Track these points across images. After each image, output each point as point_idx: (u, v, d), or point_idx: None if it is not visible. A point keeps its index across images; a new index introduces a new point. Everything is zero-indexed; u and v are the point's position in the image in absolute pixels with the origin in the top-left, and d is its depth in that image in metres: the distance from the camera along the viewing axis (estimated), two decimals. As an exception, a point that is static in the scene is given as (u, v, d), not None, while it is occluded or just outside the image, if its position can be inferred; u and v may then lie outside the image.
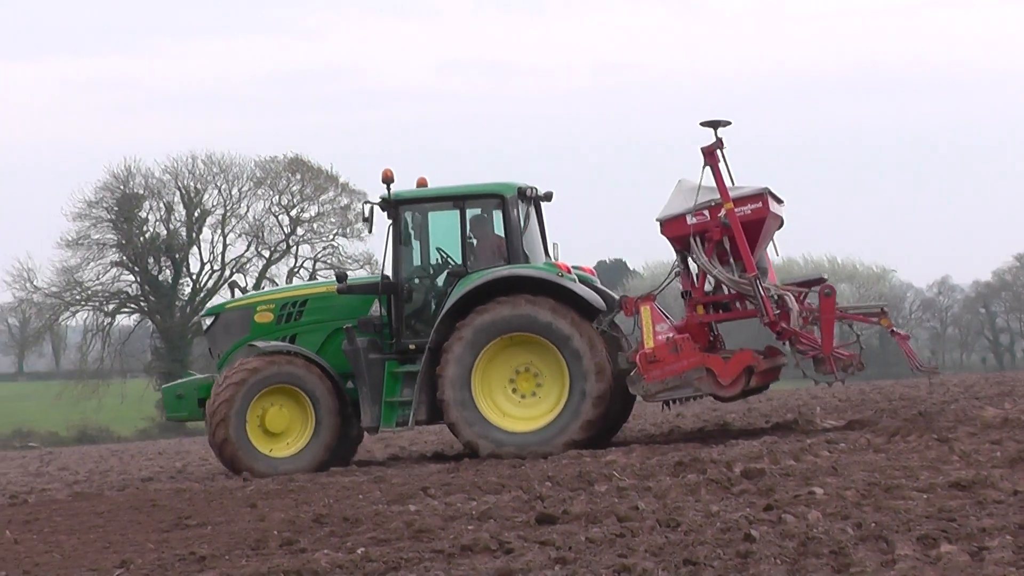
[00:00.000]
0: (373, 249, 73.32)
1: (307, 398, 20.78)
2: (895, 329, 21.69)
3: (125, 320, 73.30)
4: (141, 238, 72.21)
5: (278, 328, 21.74)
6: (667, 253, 22.33)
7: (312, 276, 74.09)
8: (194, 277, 73.71)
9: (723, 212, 20.93)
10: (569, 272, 21.37)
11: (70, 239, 71.70)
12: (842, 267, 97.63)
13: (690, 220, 21.11)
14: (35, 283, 73.11)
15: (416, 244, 21.67)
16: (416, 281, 21.45)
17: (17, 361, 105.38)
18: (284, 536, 12.65)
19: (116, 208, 72.14)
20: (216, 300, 22.61)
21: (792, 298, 21.05)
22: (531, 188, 21.60)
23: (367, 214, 21.12)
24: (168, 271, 73.07)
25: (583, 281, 21.50)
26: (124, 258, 72.76)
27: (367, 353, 20.88)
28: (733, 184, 21.28)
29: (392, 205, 21.09)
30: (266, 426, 20.77)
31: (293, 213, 73.73)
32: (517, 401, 20.90)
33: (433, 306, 21.22)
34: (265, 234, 73.93)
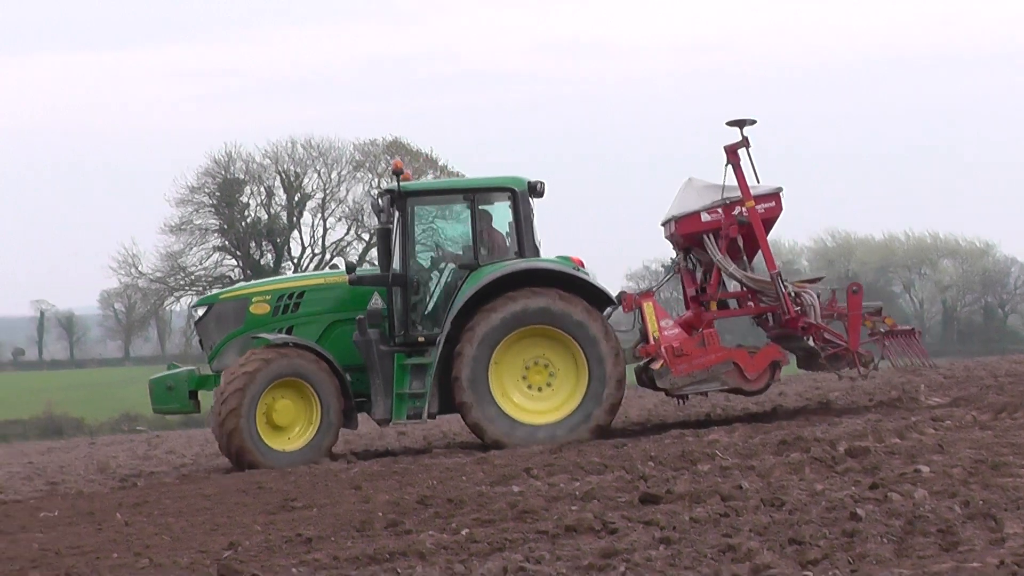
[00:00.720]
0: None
1: (313, 392, 20.36)
2: (899, 327, 22.10)
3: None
4: (242, 223, 72.88)
5: (274, 320, 21.22)
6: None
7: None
8: (295, 261, 74.31)
9: (740, 210, 21.30)
10: (582, 265, 21.56)
11: (173, 225, 72.56)
12: (944, 242, 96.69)
13: (704, 217, 21.51)
14: (140, 269, 74.05)
15: (425, 237, 21.65)
16: (426, 274, 21.33)
17: (123, 346, 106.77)
18: (389, 517, 12.72)
19: (218, 193, 72.86)
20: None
21: (812, 295, 21.38)
22: (540, 183, 21.61)
23: (382, 205, 20.77)
24: (269, 255, 73.73)
25: None
26: (226, 243, 73.47)
27: (378, 345, 20.70)
28: (759, 182, 21.63)
29: (401, 197, 20.97)
30: (272, 419, 20.32)
31: (393, 196, 73.96)
32: (531, 394, 20.88)
33: (443, 299, 21.05)
34: (365, 217, 74.33)
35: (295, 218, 73.98)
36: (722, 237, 21.42)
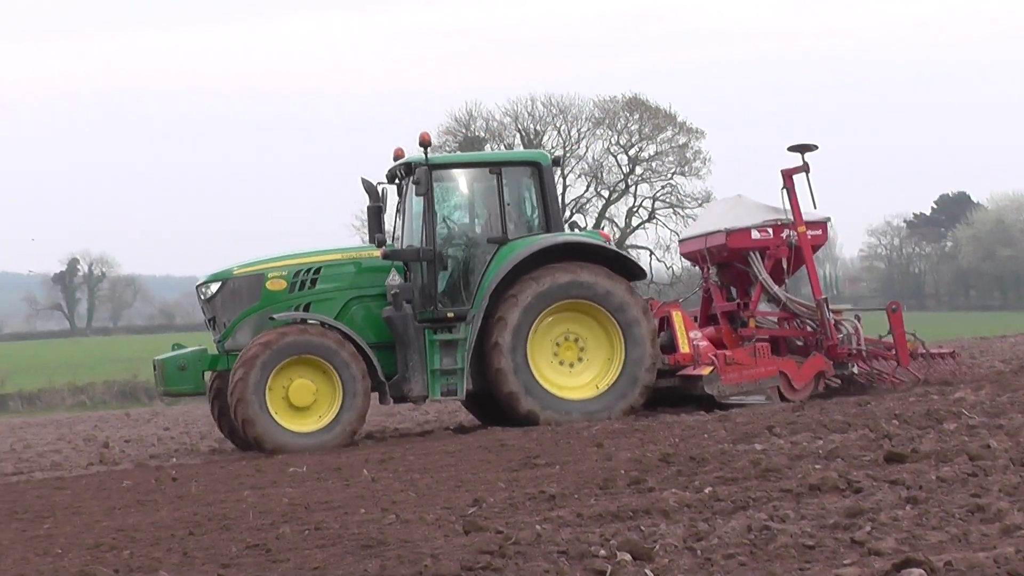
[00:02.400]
0: (711, 187, 73.07)
1: (335, 370, 19.84)
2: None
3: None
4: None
5: (291, 296, 20.74)
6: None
7: (651, 216, 74.18)
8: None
9: (789, 232, 21.60)
10: (609, 240, 21.52)
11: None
12: None
13: (755, 235, 21.73)
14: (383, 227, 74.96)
15: (451, 210, 21.27)
16: (454, 248, 20.99)
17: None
18: (631, 475, 12.72)
19: (458, 151, 73.44)
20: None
21: (855, 322, 21.68)
22: (560, 156, 21.31)
23: (418, 176, 20.40)
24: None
25: None
26: (467, 201, 74.03)
27: (413, 320, 20.31)
28: (815, 207, 22.04)
29: (427, 170, 20.52)
30: (291, 400, 19.86)
31: (632, 153, 73.88)
32: (561, 370, 20.70)
33: (472, 274, 20.77)
34: (604, 174, 74.31)
35: (534, 175, 74.23)
36: (769, 257, 21.70)
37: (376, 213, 20.83)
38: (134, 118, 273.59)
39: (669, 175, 73.78)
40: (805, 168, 22.02)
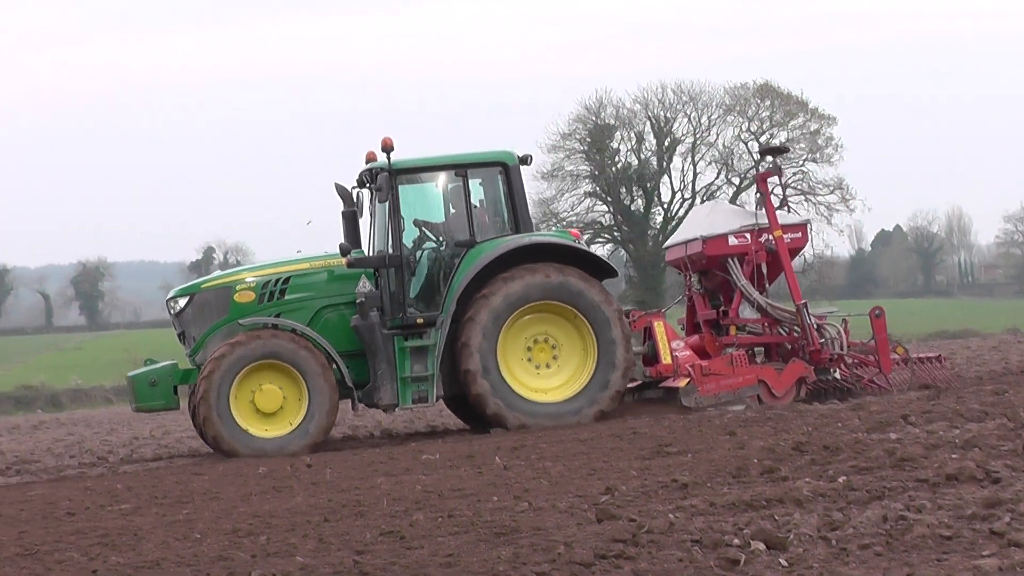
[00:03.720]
0: (843, 174, 72.46)
1: (301, 376, 19.67)
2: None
3: (599, 250, 74.50)
4: (613, 168, 73.23)
5: (260, 308, 20.41)
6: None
7: (782, 203, 73.61)
8: (665, 206, 74.37)
9: (767, 237, 21.28)
10: (579, 238, 21.13)
11: (545, 171, 73.41)
12: None
13: (732, 241, 21.40)
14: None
15: (416, 215, 20.80)
16: (420, 253, 20.64)
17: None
18: (764, 464, 12.65)
19: (588, 139, 73.40)
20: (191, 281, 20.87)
21: (837, 327, 21.32)
22: (528, 156, 20.89)
23: (380, 183, 19.95)
24: (640, 200, 73.95)
25: None
26: (597, 188, 73.98)
27: (380, 328, 20.04)
28: (788, 211, 22.16)
29: (391, 175, 20.14)
30: (259, 406, 19.71)
31: (763, 139, 73.36)
32: (535, 372, 20.39)
33: (440, 278, 20.44)
34: (735, 161, 73.92)
35: (665, 163, 74.00)
36: (747, 263, 21.40)
37: (351, 218, 20.62)
38: (274, 107, 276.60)
39: (800, 162, 73.20)
40: (778, 171, 22.26)
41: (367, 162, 20.84)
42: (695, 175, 74.14)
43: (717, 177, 74.22)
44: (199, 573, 9.67)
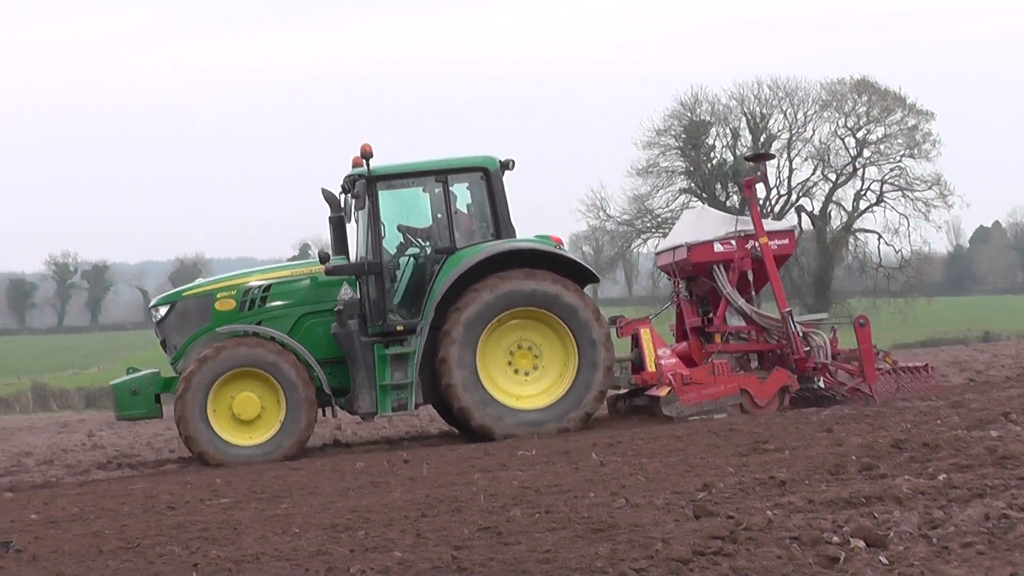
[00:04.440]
0: (941, 169, 71.83)
1: (277, 383, 19.53)
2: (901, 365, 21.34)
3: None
4: (708, 164, 73.04)
5: (241, 316, 20.25)
6: None
7: (879, 199, 73.09)
8: (760, 202, 74.07)
9: (753, 244, 20.95)
10: (561, 243, 20.77)
11: (640, 167, 73.36)
12: None
13: (718, 248, 21.10)
14: (608, 212, 75.11)
15: (402, 221, 20.59)
16: (400, 260, 20.42)
17: (592, 289, 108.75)
18: (863, 461, 12.57)
19: (684, 136, 73.25)
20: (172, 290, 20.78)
21: (823, 335, 20.95)
22: (510, 160, 20.57)
23: (358, 191, 19.77)
24: (735, 197, 73.64)
25: None
26: (692, 185, 73.81)
27: (359, 336, 19.85)
28: (773, 217, 21.06)
29: (370, 182, 19.93)
30: (236, 413, 19.60)
31: (860, 135, 72.91)
32: (517, 379, 20.17)
33: (420, 285, 20.23)
34: (831, 157, 73.47)
35: (760, 159, 73.64)
36: (733, 270, 21.10)
37: (339, 224, 20.40)
38: (345, 106, 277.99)
39: (898, 158, 72.65)
40: (763, 178, 22.02)
41: (353, 167, 20.67)
42: (791, 171, 73.81)
43: (813, 173, 73.88)
44: (298, 567, 9.73)
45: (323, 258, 20.16)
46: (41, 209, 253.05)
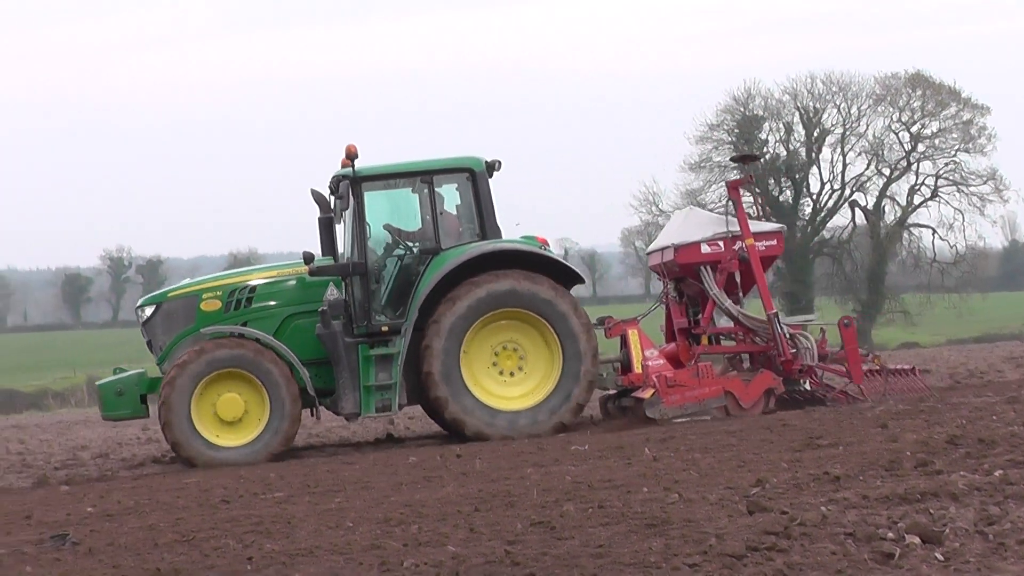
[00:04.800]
0: (996, 164, 71.37)
1: (261, 383, 19.46)
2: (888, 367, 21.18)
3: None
4: (761, 159, 72.76)
5: (226, 316, 20.21)
6: None
7: (934, 194, 72.67)
8: (814, 197, 73.79)
9: (740, 245, 20.81)
10: (547, 244, 20.64)
11: (693, 162, 73.17)
12: None
13: (704, 249, 20.98)
14: (660, 206, 74.96)
15: (389, 221, 20.51)
16: (385, 260, 20.32)
17: (644, 283, 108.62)
18: (918, 457, 12.50)
19: (736, 130, 73.01)
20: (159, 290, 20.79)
21: (809, 337, 20.74)
22: (496, 161, 20.40)
23: (341, 191, 19.72)
24: (788, 191, 73.42)
25: None
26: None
27: (343, 337, 19.75)
28: (760, 218, 21.51)
29: (356, 182, 19.85)
30: (220, 414, 19.53)
31: (914, 130, 72.48)
32: (500, 379, 20.06)
33: (405, 286, 20.13)
34: (885, 152, 73.07)
35: (814, 154, 73.35)
36: (720, 271, 20.97)
37: (328, 225, 20.16)
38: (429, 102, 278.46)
39: (953, 152, 72.18)
40: (750, 180, 21.96)
41: (342, 167, 20.56)
42: (844, 166, 73.44)
43: (867, 168, 73.47)
44: (352, 561, 9.77)
45: (307, 259, 20.06)
46: (96, 204, 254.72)
